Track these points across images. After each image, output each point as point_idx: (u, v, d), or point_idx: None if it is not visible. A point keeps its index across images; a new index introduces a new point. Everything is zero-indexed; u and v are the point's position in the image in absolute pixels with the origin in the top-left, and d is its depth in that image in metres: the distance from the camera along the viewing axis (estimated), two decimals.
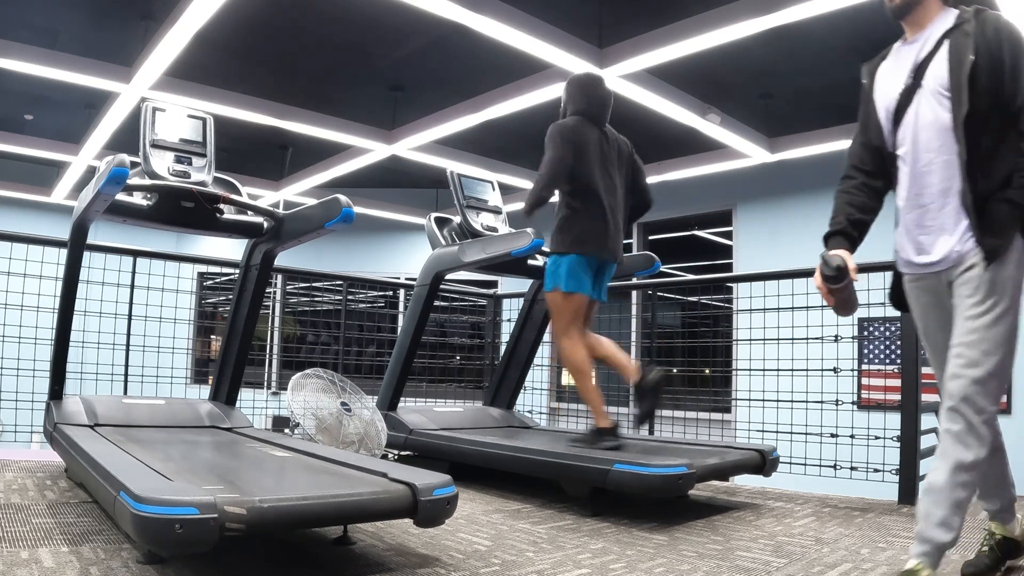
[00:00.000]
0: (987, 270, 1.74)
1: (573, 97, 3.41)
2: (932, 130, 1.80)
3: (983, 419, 1.70)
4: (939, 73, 1.78)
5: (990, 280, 1.73)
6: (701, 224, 8.49)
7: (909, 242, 1.90)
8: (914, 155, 1.84)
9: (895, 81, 1.89)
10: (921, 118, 1.82)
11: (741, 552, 2.34)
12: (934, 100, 1.79)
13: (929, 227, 1.84)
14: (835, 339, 3.68)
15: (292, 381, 3.71)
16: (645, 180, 3.57)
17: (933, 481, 1.75)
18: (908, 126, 1.85)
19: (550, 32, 4.93)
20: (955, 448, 1.71)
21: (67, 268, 3.13)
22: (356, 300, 9.58)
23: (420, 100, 6.71)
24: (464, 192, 4.07)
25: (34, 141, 7.81)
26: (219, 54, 5.62)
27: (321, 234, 3.05)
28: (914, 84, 1.84)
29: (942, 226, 1.81)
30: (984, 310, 1.73)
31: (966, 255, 1.77)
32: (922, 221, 1.85)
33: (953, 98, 1.75)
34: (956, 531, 1.72)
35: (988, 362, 1.71)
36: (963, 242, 1.78)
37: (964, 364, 1.73)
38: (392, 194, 9.56)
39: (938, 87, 1.78)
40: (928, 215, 1.83)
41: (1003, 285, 1.74)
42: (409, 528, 2.43)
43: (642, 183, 3.54)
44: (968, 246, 1.77)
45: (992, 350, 1.72)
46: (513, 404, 4.61)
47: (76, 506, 2.56)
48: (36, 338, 3.66)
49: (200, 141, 3.23)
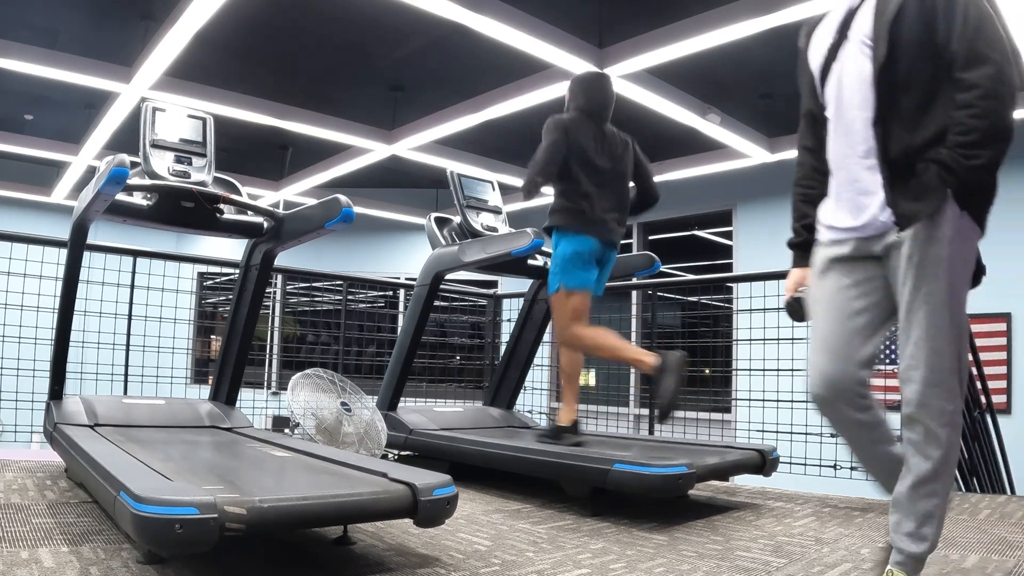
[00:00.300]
0: (916, 249, 1.54)
1: (575, 95, 3.44)
2: (856, 84, 1.63)
3: (943, 422, 1.57)
4: (864, 22, 1.63)
5: (919, 263, 1.54)
6: (701, 224, 8.49)
7: (837, 207, 1.71)
8: (838, 113, 1.68)
9: (826, 37, 1.72)
10: (846, 74, 1.65)
11: (741, 552, 2.34)
12: (858, 52, 1.63)
13: (854, 190, 1.65)
14: None
15: (292, 381, 3.71)
16: (649, 174, 3.56)
17: (897, 494, 1.66)
18: (833, 83, 1.69)
19: (550, 32, 4.93)
20: (915, 459, 1.60)
21: (67, 268, 3.13)
22: (356, 300, 9.58)
23: (420, 100, 6.71)
24: (464, 192, 4.07)
25: (34, 141, 7.82)
26: (219, 54, 5.62)
27: (321, 234, 3.05)
28: (840, 38, 1.67)
29: (866, 189, 1.63)
30: (921, 299, 1.55)
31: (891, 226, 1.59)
32: (849, 184, 1.67)
33: (874, 47, 1.59)
34: (930, 540, 1.63)
35: (937, 359, 1.55)
36: (884, 208, 1.59)
37: (912, 366, 1.57)
38: (392, 194, 9.57)
39: (862, 37, 1.62)
40: (854, 178, 1.65)
41: (937, 265, 1.54)
42: (409, 528, 2.43)
43: (645, 176, 3.54)
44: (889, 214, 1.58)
45: (940, 346, 1.55)
46: (513, 404, 4.61)
47: (76, 506, 2.56)
48: (36, 338, 3.66)
49: (200, 141, 3.23)
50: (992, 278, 5.26)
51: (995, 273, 6.67)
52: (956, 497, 3.30)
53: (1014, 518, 2.82)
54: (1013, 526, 2.68)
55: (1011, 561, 2.17)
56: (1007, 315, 6.09)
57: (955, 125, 1.50)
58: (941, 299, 1.56)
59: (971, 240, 1.61)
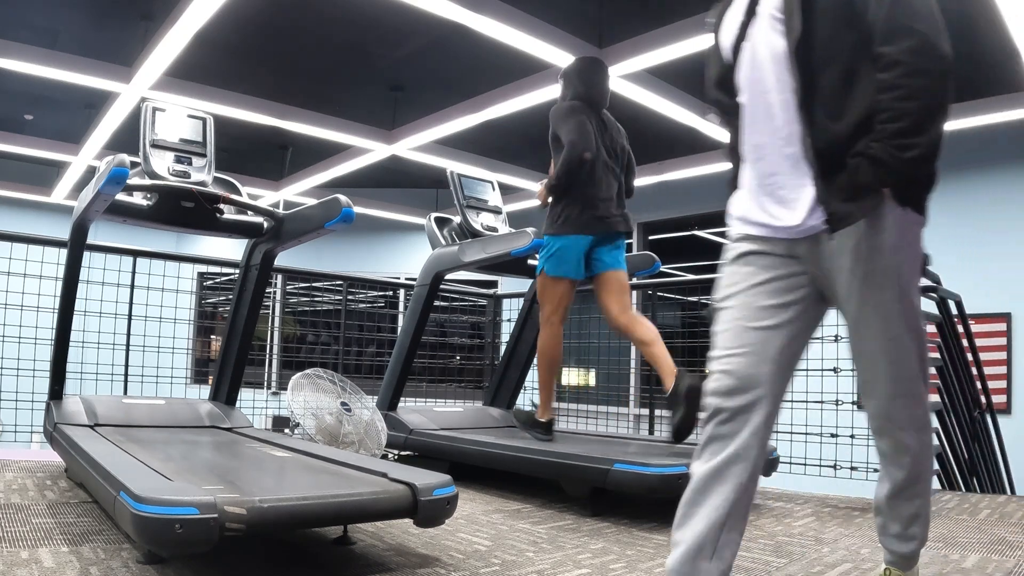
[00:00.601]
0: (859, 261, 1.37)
1: (571, 82, 3.46)
2: (769, 65, 1.42)
3: (914, 428, 1.49)
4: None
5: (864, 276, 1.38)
6: (701, 224, 8.49)
7: (753, 203, 1.51)
8: (753, 98, 1.47)
9: (736, 16, 1.50)
10: (757, 53, 1.44)
11: (741, 552, 2.33)
12: (768, 27, 1.42)
13: (774, 184, 1.46)
14: (835, 339, 3.67)
15: (292, 381, 3.71)
16: (633, 169, 3.58)
17: (878, 500, 1.60)
18: (745, 65, 1.47)
19: (550, 32, 4.92)
20: (889, 468, 1.54)
21: (67, 268, 3.13)
22: (356, 300, 9.58)
23: (420, 100, 6.71)
24: (464, 192, 4.07)
25: (34, 141, 7.81)
26: (219, 54, 5.62)
27: (321, 234, 3.05)
28: (749, 15, 1.46)
29: (788, 183, 1.43)
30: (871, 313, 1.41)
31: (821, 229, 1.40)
32: (768, 177, 1.46)
33: (786, 20, 1.38)
34: (919, 538, 1.60)
35: (897, 370, 1.44)
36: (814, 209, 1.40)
37: (870, 380, 1.47)
38: (392, 194, 9.56)
39: (772, 11, 1.41)
40: (771, 170, 1.45)
41: (884, 276, 1.38)
42: (409, 528, 2.43)
43: (630, 171, 3.56)
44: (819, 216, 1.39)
45: (899, 356, 1.43)
46: (513, 404, 4.60)
47: (76, 506, 2.56)
48: (36, 338, 3.66)
49: (200, 141, 3.23)
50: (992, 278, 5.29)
51: (995, 273, 6.71)
52: (956, 497, 3.31)
53: (1014, 518, 2.82)
54: (1013, 526, 2.68)
55: (1011, 561, 2.17)
56: (1007, 315, 6.09)
57: (882, 111, 1.29)
58: (893, 309, 1.41)
59: (916, 235, 1.42)
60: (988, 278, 5.94)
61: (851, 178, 1.33)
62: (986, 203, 6.20)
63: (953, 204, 6.41)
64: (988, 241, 6.13)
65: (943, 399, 3.58)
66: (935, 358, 3.54)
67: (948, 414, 3.60)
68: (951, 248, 6.11)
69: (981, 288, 5.66)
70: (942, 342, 3.62)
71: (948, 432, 3.59)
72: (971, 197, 6.31)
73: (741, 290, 1.49)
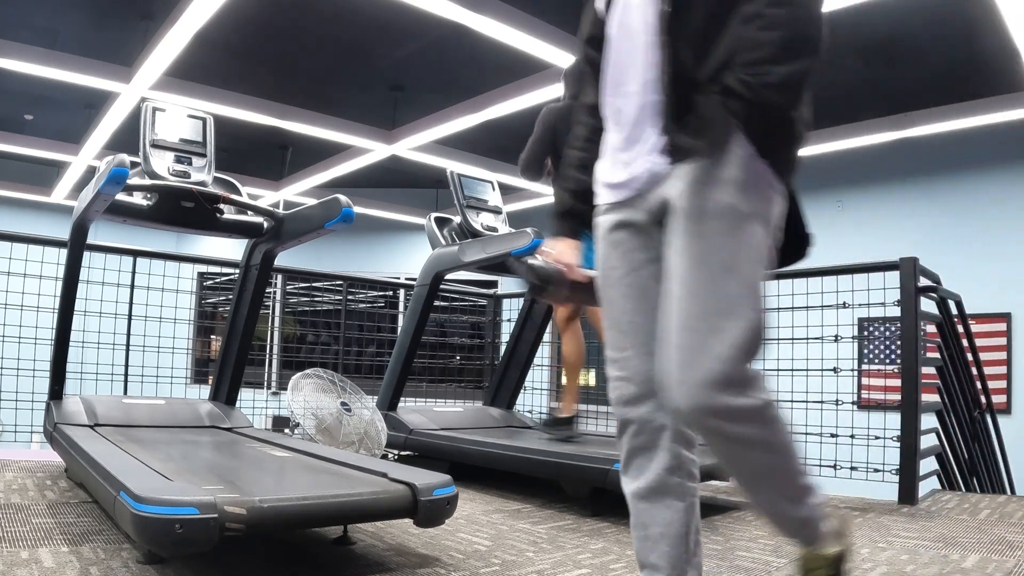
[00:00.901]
0: (691, 195, 1.20)
1: (568, 82, 3.54)
2: (636, 9, 1.30)
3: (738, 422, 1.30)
4: None
5: (693, 214, 1.20)
6: None
7: (612, 162, 1.37)
8: (617, 46, 1.34)
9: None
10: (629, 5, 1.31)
11: (741, 552, 2.34)
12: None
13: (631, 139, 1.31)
14: (835, 339, 3.68)
15: (292, 381, 3.71)
16: None
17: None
18: (615, 15, 1.35)
19: (550, 32, 4.93)
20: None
21: (67, 268, 3.13)
22: (356, 300, 9.58)
23: (420, 100, 6.71)
24: (464, 192, 4.07)
25: (34, 141, 7.82)
26: (219, 54, 5.62)
27: (321, 234, 3.05)
28: None
29: (641, 134, 1.29)
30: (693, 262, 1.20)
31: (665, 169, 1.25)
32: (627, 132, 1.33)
33: None
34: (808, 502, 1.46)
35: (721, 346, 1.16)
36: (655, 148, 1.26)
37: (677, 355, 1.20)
38: (392, 194, 9.57)
39: None
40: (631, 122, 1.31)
41: (719, 217, 1.19)
42: (409, 528, 2.43)
43: None
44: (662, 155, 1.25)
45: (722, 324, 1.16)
46: (513, 404, 4.61)
47: (76, 506, 2.56)
48: (36, 338, 3.66)
49: (200, 141, 3.23)
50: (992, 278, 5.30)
51: (995, 273, 6.72)
52: (956, 497, 3.31)
53: (1014, 518, 2.82)
54: (1013, 526, 2.68)
55: (1011, 561, 2.17)
56: (1007, 315, 6.10)
57: (742, 44, 1.16)
58: (722, 262, 1.18)
59: (769, 192, 1.23)
60: (988, 278, 5.94)
61: (699, 110, 1.20)
62: (986, 203, 6.21)
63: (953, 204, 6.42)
64: (988, 241, 6.13)
65: (943, 399, 3.57)
66: (935, 358, 3.54)
67: (948, 414, 3.60)
68: (951, 248, 6.12)
69: (981, 288, 5.66)
70: (942, 342, 3.62)
71: (948, 432, 3.59)
72: (971, 197, 6.31)
73: (619, 277, 1.36)
